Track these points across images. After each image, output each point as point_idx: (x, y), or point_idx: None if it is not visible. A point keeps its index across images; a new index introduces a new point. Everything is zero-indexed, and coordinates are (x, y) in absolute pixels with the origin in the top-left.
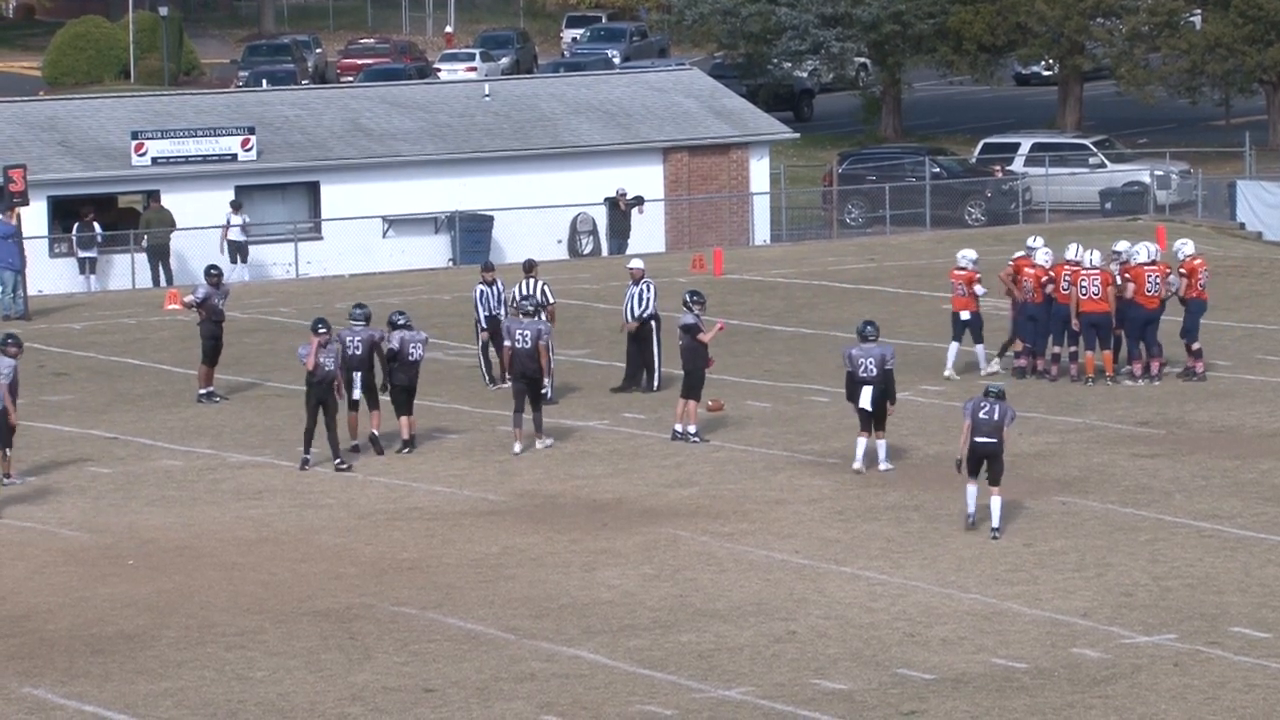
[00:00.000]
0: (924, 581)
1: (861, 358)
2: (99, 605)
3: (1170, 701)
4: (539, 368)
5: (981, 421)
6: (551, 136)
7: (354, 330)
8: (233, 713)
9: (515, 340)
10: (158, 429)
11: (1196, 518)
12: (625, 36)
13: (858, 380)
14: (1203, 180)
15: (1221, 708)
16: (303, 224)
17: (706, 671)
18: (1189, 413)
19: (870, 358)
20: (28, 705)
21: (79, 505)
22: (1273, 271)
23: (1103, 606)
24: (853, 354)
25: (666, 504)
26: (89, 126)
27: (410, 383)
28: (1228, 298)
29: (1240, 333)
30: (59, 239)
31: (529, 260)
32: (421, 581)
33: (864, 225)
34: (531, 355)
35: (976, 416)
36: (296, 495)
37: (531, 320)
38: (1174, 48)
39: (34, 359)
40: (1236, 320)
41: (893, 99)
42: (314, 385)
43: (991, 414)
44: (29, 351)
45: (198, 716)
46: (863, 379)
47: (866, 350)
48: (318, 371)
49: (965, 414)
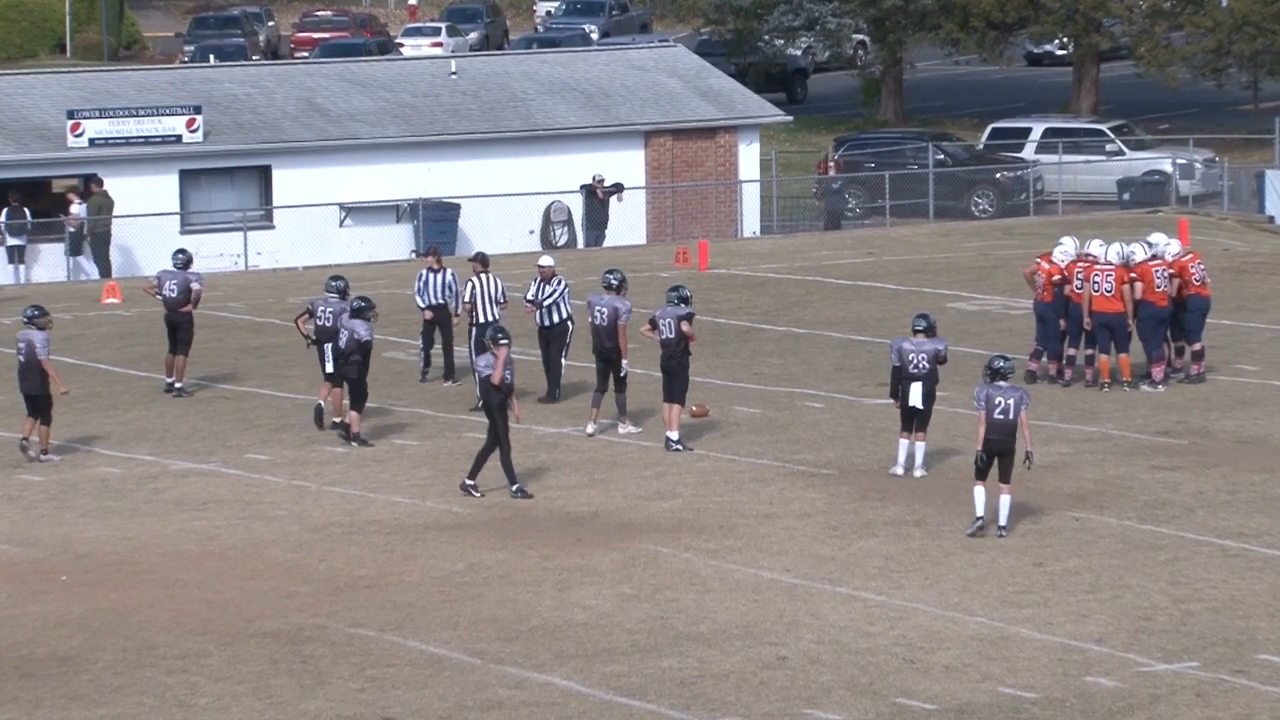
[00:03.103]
0: (925, 603)
1: (913, 351)
2: (29, 625)
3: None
4: (615, 347)
5: (997, 422)
6: (524, 118)
7: (327, 301)
8: None
9: (593, 317)
10: (93, 434)
11: (1221, 535)
12: (604, 10)
13: (907, 375)
14: (1228, 169)
15: None
16: (253, 211)
17: (689, 700)
18: (1213, 421)
19: (923, 352)
20: None
21: (8, 515)
22: None
23: (1119, 631)
24: (904, 347)
25: (646, 518)
26: (21, 105)
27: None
28: (1255, 297)
29: (1269, 335)
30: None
31: (481, 254)
32: (380, 601)
33: (862, 216)
34: (609, 333)
35: (992, 416)
36: (244, 506)
37: (611, 297)
38: (1198, 25)
39: None
40: (1265, 321)
41: (894, 80)
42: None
43: (1007, 412)
44: None
45: None
46: (913, 374)
47: (919, 344)
48: (503, 385)
49: (978, 404)
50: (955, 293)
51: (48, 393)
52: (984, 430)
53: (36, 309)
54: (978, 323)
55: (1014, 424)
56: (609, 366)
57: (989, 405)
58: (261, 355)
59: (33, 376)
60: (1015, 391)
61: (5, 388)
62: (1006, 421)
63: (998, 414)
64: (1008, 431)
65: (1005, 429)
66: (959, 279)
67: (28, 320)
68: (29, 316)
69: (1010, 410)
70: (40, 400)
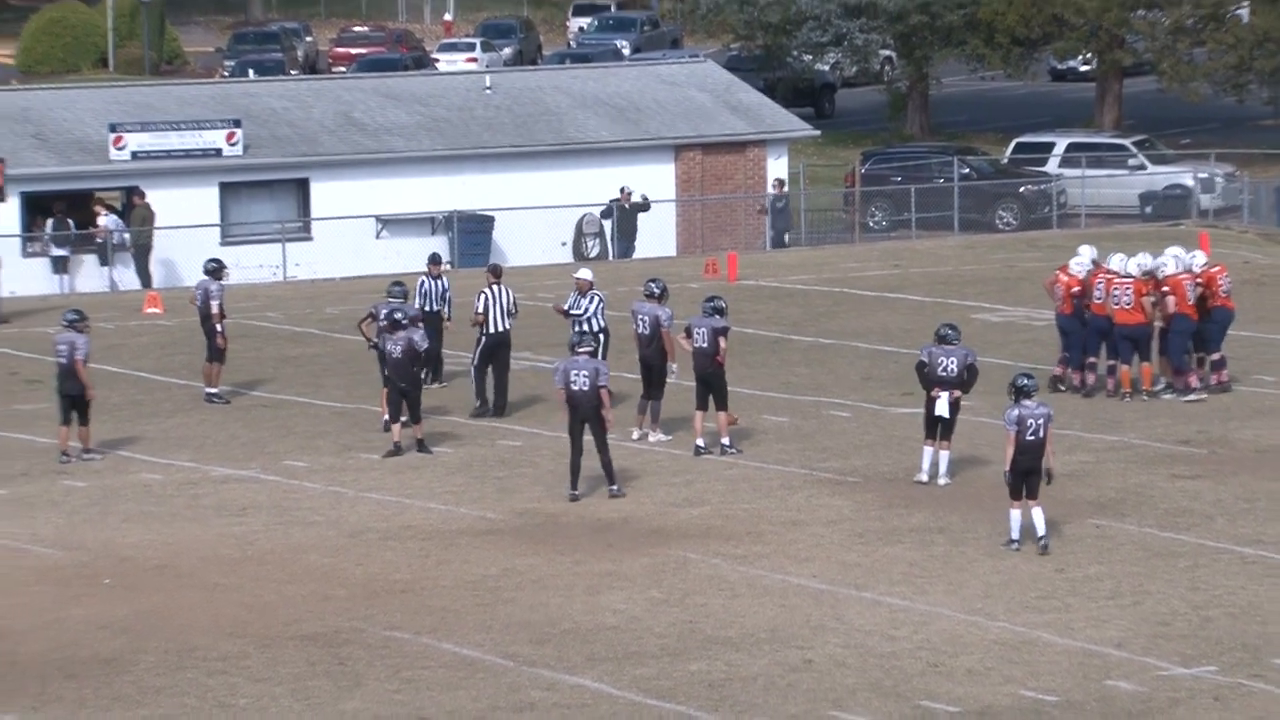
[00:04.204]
0: (949, 608)
1: (941, 356)
2: (73, 627)
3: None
4: (656, 353)
5: (1029, 444)
6: (556, 132)
7: (390, 305)
8: None
9: (636, 325)
10: (137, 441)
11: (1240, 543)
12: (636, 26)
13: (934, 379)
14: (1249, 184)
15: None
16: (291, 223)
17: (717, 702)
18: (1233, 431)
19: (952, 358)
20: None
21: (53, 521)
22: None
23: (1138, 636)
24: (932, 351)
25: (676, 524)
26: (65, 118)
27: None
28: (1275, 309)
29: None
30: (32, 237)
31: (494, 265)
32: (415, 605)
33: (888, 229)
34: (650, 341)
35: (1024, 438)
36: (282, 512)
37: (653, 305)
38: (1220, 42)
39: (6, 365)
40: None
41: (920, 95)
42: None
43: (1038, 433)
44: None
45: None
46: (941, 377)
47: (947, 351)
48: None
49: (1009, 427)
50: (980, 304)
51: (87, 394)
52: (1014, 451)
53: (76, 313)
54: (1002, 334)
55: (1043, 443)
56: (651, 373)
57: (1021, 427)
58: (299, 364)
59: (75, 378)
60: (1043, 410)
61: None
62: (1038, 442)
63: (1029, 435)
64: (1038, 452)
65: (1036, 449)
66: (984, 291)
67: (68, 324)
68: (69, 321)
69: (1041, 429)
70: (81, 401)
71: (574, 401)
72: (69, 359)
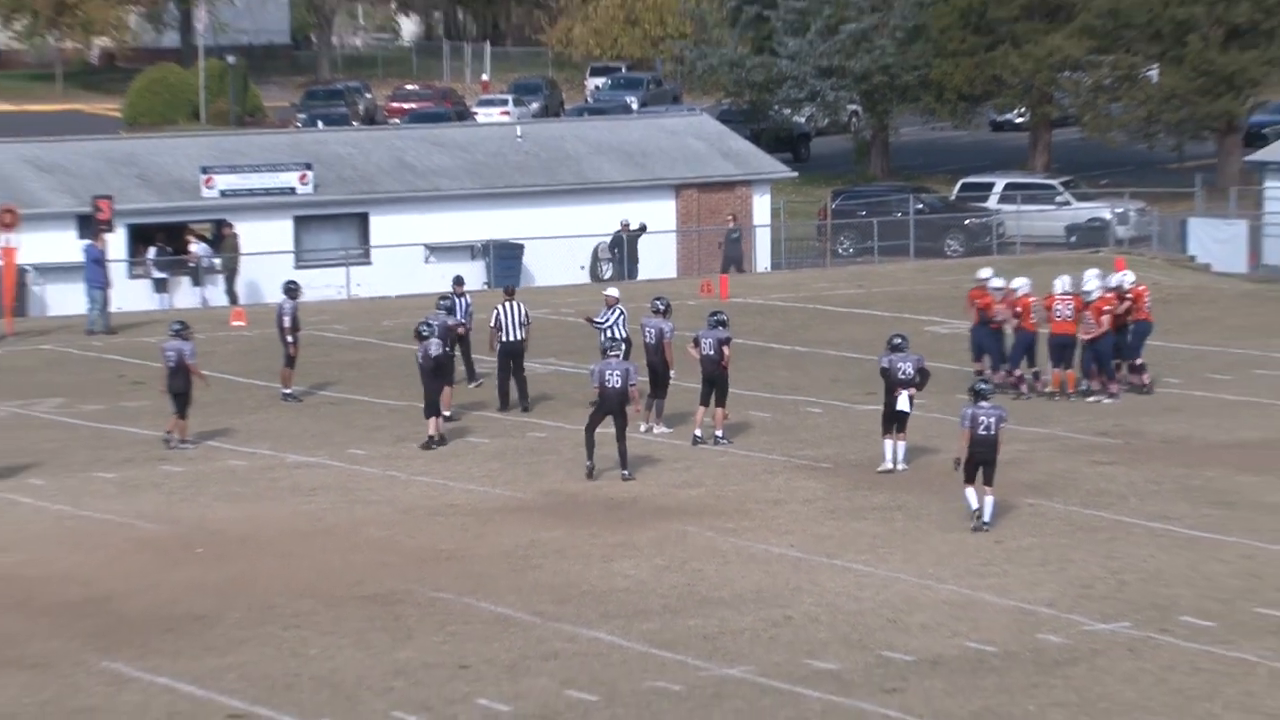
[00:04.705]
0: (906, 574)
1: (900, 361)
2: (171, 589)
3: (1124, 683)
4: (660, 360)
5: (981, 438)
6: (576, 173)
7: (437, 316)
8: (289, 685)
9: (644, 335)
10: (225, 433)
11: (1149, 519)
12: (643, 85)
13: (896, 381)
14: (1158, 217)
15: (1170, 689)
16: (353, 250)
17: (711, 652)
18: (1144, 425)
19: (908, 362)
20: (107, 678)
21: (154, 500)
22: (1220, 299)
23: (1065, 597)
24: (892, 358)
25: (676, 503)
26: (164, 162)
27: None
28: (1179, 323)
29: (1190, 354)
30: (136, 262)
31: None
32: (457, 570)
33: (854, 255)
34: (655, 349)
35: (976, 432)
36: (346, 492)
37: (658, 319)
38: (1133, 98)
39: (115, 369)
40: (1188, 343)
41: (881, 142)
42: (605, 402)
43: (989, 429)
44: (110, 363)
45: (257, 688)
46: (901, 380)
47: (903, 356)
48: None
49: (964, 423)
50: (931, 318)
51: (189, 392)
52: (968, 444)
53: (181, 324)
54: (950, 343)
55: (995, 439)
56: (657, 376)
57: (974, 424)
58: (360, 369)
59: (179, 378)
60: (996, 411)
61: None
62: (989, 437)
63: (981, 430)
64: (990, 446)
65: (988, 444)
66: (934, 307)
67: (174, 334)
68: (175, 330)
69: (993, 427)
70: (183, 398)
71: (606, 395)
72: (176, 362)
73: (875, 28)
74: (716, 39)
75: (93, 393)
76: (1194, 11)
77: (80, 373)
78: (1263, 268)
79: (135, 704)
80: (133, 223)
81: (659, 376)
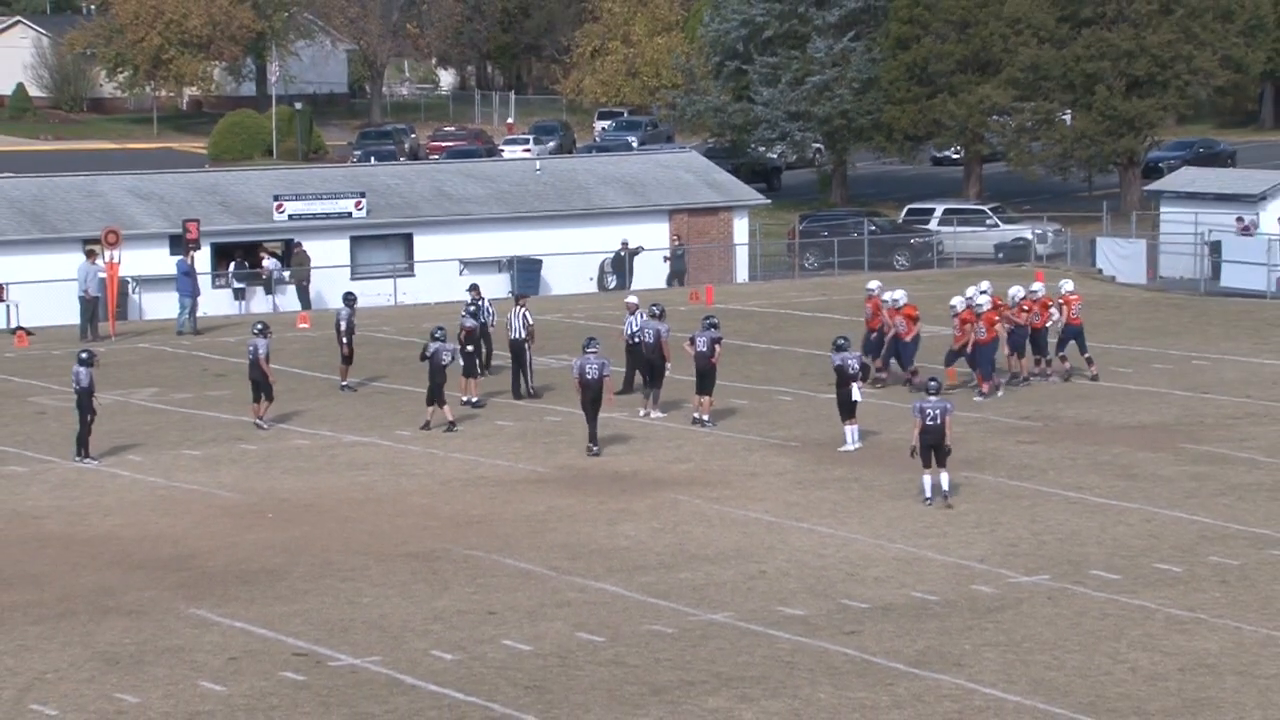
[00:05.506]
0: (862, 535)
1: (849, 359)
2: (246, 548)
3: (1044, 626)
4: (658, 357)
5: (930, 427)
6: (585, 200)
7: (466, 315)
8: (345, 629)
9: (645, 335)
10: (291, 417)
11: (1065, 489)
12: (642, 127)
13: (847, 376)
14: (1071, 237)
15: (1083, 630)
16: (400, 265)
17: (698, 601)
18: (1059, 410)
19: (853, 358)
20: (193, 622)
21: (232, 473)
22: (1123, 305)
23: (994, 554)
24: (844, 356)
25: (669, 475)
26: (241, 191)
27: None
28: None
29: (1098, 351)
30: (219, 275)
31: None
32: (487, 532)
33: (818, 269)
34: (653, 347)
35: (925, 422)
36: (394, 467)
37: (655, 321)
38: (1050, 138)
39: (200, 364)
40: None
41: (840, 175)
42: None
43: (937, 419)
44: (197, 359)
45: (318, 631)
46: (850, 375)
47: (847, 355)
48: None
49: (915, 414)
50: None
51: (266, 380)
52: (919, 433)
53: (262, 324)
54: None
55: (942, 427)
56: (654, 369)
57: (923, 415)
58: (405, 364)
59: (256, 368)
60: (942, 403)
61: (232, 385)
62: (937, 426)
63: (929, 420)
64: (938, 434)
65: (936, 432)
66: None
67: (257, 333)
68: (257, 330)
69: (939, 418)
70: (263, 385)
71: (586, 384)
72: (255, 356)
73: (836, 80)
74: (703, 89)
75: (182, 384)
76: (1101, 66)
77: (171, 367)
78: (1159, 279)
79: (216, 644)
80: (216, 241)
81: (656, 370)
